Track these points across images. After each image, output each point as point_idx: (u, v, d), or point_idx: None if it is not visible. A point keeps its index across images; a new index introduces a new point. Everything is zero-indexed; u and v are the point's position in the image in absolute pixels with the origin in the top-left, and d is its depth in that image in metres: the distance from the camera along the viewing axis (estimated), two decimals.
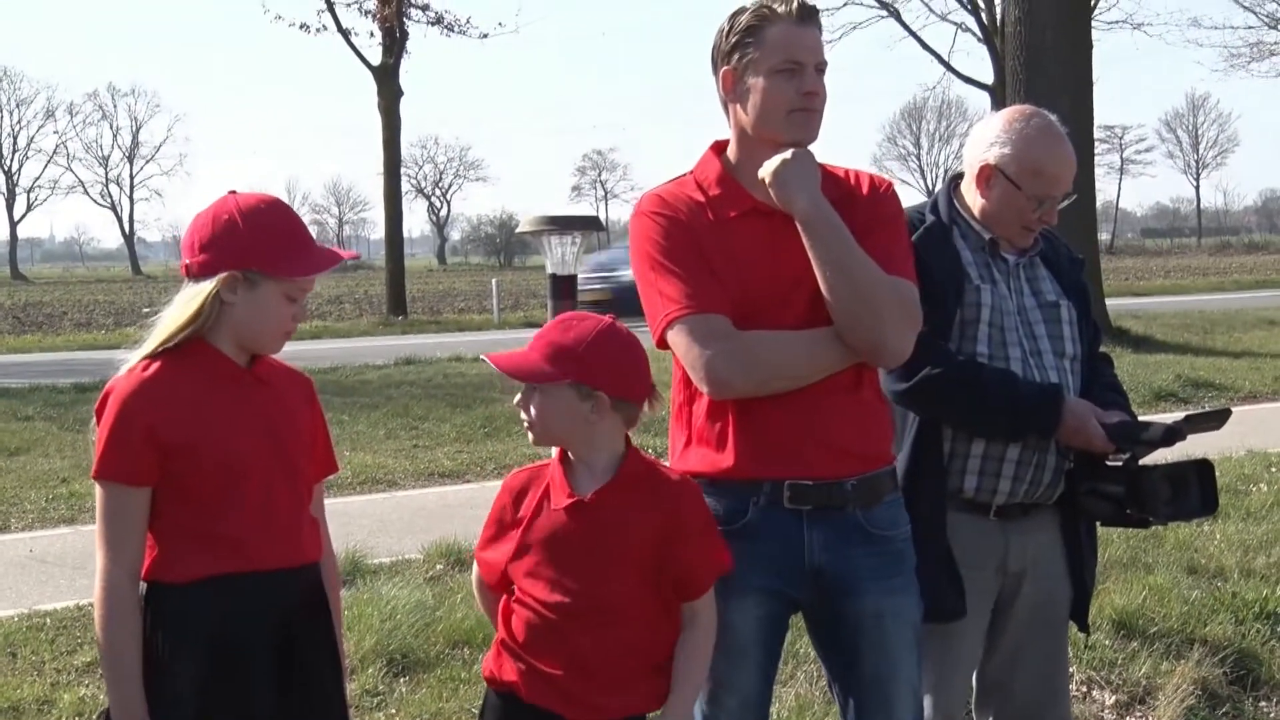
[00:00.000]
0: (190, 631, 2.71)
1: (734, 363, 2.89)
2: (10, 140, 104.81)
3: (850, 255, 2.91)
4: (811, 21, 3.01)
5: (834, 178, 3.08)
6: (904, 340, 2.96)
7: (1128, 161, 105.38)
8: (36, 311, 39.39)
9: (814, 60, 2.98)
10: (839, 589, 3.01)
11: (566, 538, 2.83)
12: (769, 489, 2.97)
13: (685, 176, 3.13)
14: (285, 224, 2.78)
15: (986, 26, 37.05)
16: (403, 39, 30.68)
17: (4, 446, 11.86)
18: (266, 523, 2.77)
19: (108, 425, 2.70)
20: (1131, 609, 5.92)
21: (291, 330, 2.82)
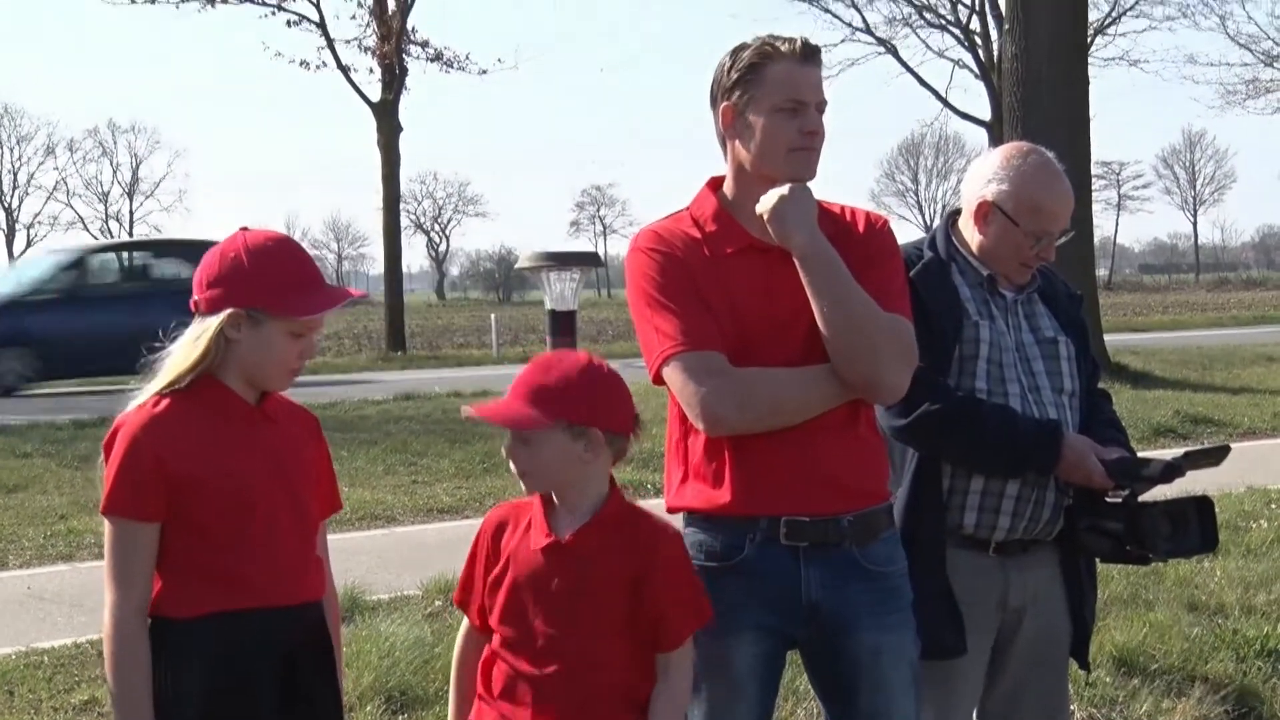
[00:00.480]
0: (194, 667, 2.71)
1: (729, 399, 2.90)
2: (10, 176, 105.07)
3: (847, 291, 2.91)
4: (813, 61, 3.01)
5: (830, 214, 3.09)
6: (900, 376, 2.97)
7: (1125, 198, 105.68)
8: None
9: (815, 99, 2.99)
10: (836, 626, 3.00)
11: (544, 579, 2.80)
12: (765, 525, 2.96)
13: (681, 213, 3.14)
14: (290, 262, 2.79)
15: (984, 63, 37.27)
16: (402, 75, 30.81)
17: (2, 483, 11.83)
18: (272, 560, 2.78)
19: (117, 461, 2.71)
20: (1132, 646, 5.90)
21: (298, 368, 2.84)
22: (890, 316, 2.95)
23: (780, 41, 3.00)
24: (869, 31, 38.54)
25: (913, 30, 38.75)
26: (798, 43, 2.99)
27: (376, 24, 30.54)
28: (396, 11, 30.60)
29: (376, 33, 30.55)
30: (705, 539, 3.03)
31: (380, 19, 30.42)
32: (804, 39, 3.02)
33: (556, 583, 2.79)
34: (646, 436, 2.95)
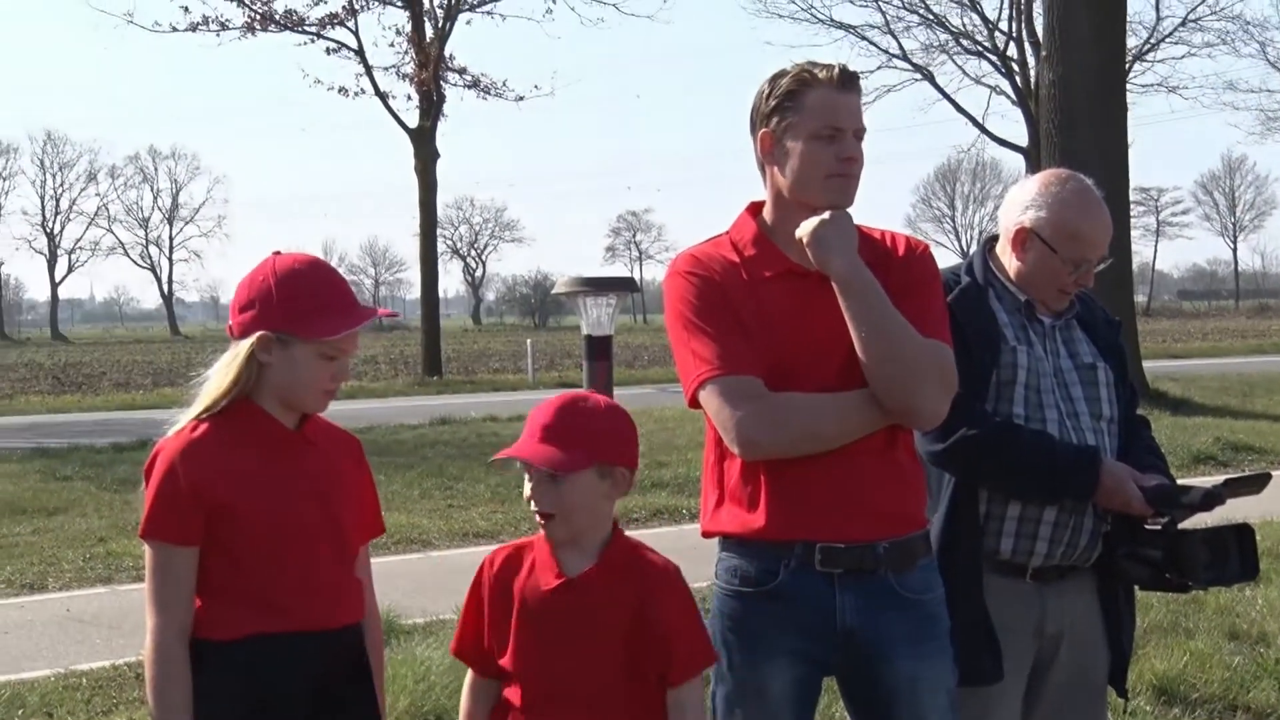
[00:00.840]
0: (231, 689, 2.72)
1: (764, 423, 2.89)
2: (53, 202, 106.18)
3: (886, 317, 2.91)
4: (852, 87, 3.01)
5: (870, 240, 3.09)
6: (939, 403, 2.95)
7: (1164, 224, 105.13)
8: (76, 372, 39.74)
9: (853, 126, 3.00)
10: (871, 653, 2.99)
11: (554, 618, 2.77)
12: (800, 551, 2.95)
13: (721, 237, 3.14)
14: (318, 285, 2.80)
15: (1021, 90, 37.14)
16: (439, 102, 30.97)
17: (42, 506, 11.95)
18: (309, 584, 2.79)
19: (155, 485, 2.74)
20: (1172, 675, 5.85)
21: (332, 389, 2.84)
22: (930, 342, 2.94)
23: (818, 68, 3.00)
24: (905, 58, 38.49)
25: (949, 57, 38.70)
26: (835, 69, 3.00)
27: (414, 51, 30.73)
28: (434, 39, 30.79)
29: (414, 60, 30.73)
30: (740, 564, 3.02)
31: (418, 46, 30.61)
32: (842, 66, 3.02)
33: (567, 621, 2.77)
34: (681, 462, 2.96)
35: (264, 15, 30.00)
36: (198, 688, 2.72)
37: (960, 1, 37.98)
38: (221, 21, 29.90)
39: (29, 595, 8.64)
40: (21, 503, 12.10)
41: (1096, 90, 16.60)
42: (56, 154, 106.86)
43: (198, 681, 2.72)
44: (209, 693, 2.72)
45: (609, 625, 2.77)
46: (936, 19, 37.86)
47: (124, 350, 63.46)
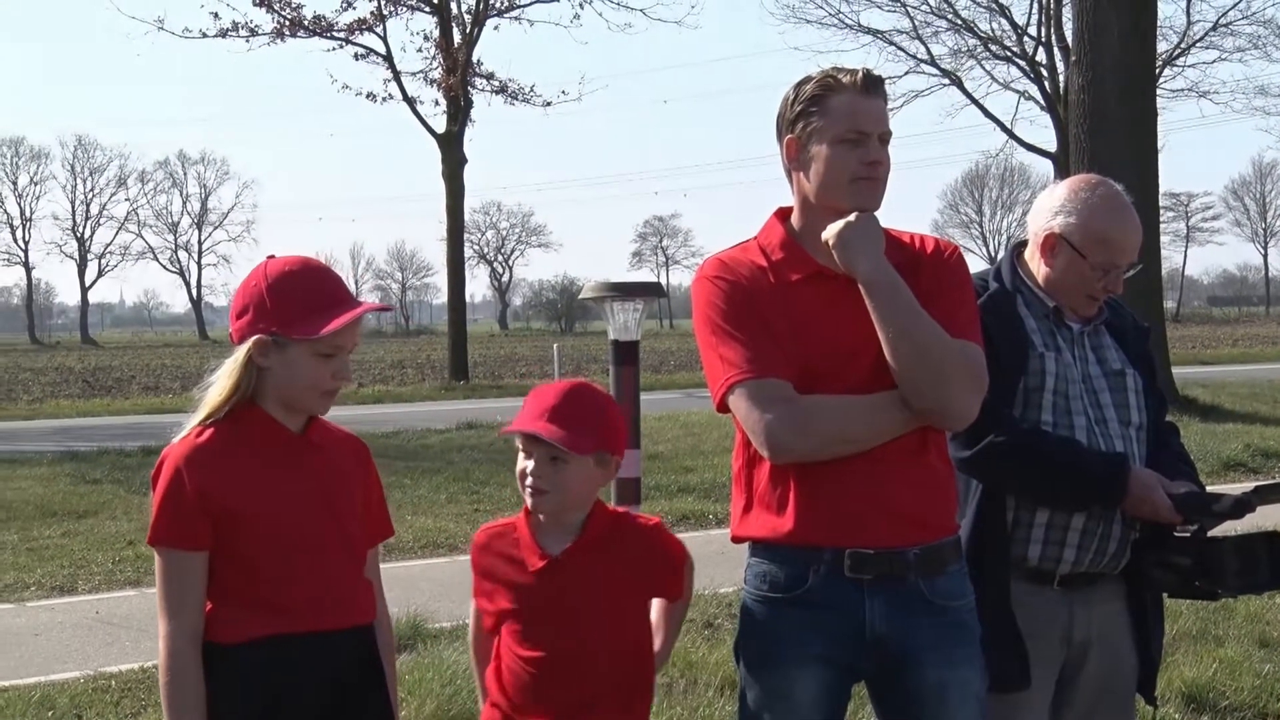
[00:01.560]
0: (242, 692, 2.73)
1: (793, 427, 2.89)
2: (84, 207, 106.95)
3: (914, 318, 2.90)
4: (876, 92, 3.01)
5: (899, 242, 3.08)
6: (969, 403, 2.94)
7: (1194, 229, 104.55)
8: (106, 375, 39.98)
9: (878, 130, 2.99)
10: (901, 660, 2.97)
11: (542, 597, 2.91)
12: (830, 557, 2.94)
13: (749, 242, 3.14)
14: (307, 284, 2.80)
15: (1050, 94, 37.02)
16: (467, 107, 31.06)
17: (72, 509, 12.02)
18: (317, 586, 2.80)
19: (160, 492, 2.75)
20: (1202, 682, 5.82)
21: (333, 388, 2.84)
22: (959, 343, 2.92)
23: (843, 73, 3.00)
24: (934, 64, 38.39)
25: (978, 62, 38.58)
26: (859, 74, 3.00)
27: (442, 57, 30.83)
28: (462, 45, 30.88)
29: (442, 65, 30.83)
30: (769, 569, 3.01)
31: (446, 52, 30.70)
32: (867, 70, 3.02)
33: (555, 599, 2.91)
34: (708, 467, 2.99)
35: (293, 21, 30.14)
36: (209, 691, 2.73)
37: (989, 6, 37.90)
38: (251, 28, 30.07)
39: (59, 598, 8.69)
40: (52, 505, 12.18)
41: (1126, 95, 16.53)
42: (87, 159, 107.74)
43: (209, 685, 2.73)
44: (221, 696, 2.73)
45: (597, 596, 2.92)
46: (965, 24, 37.79)
47: (153, 354, 63.83)
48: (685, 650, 6.49)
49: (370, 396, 27.17)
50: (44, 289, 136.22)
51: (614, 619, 2.95)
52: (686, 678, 6.07)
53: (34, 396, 30.49)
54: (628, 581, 2.97)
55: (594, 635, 2.91)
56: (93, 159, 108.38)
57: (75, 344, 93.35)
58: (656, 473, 12.71)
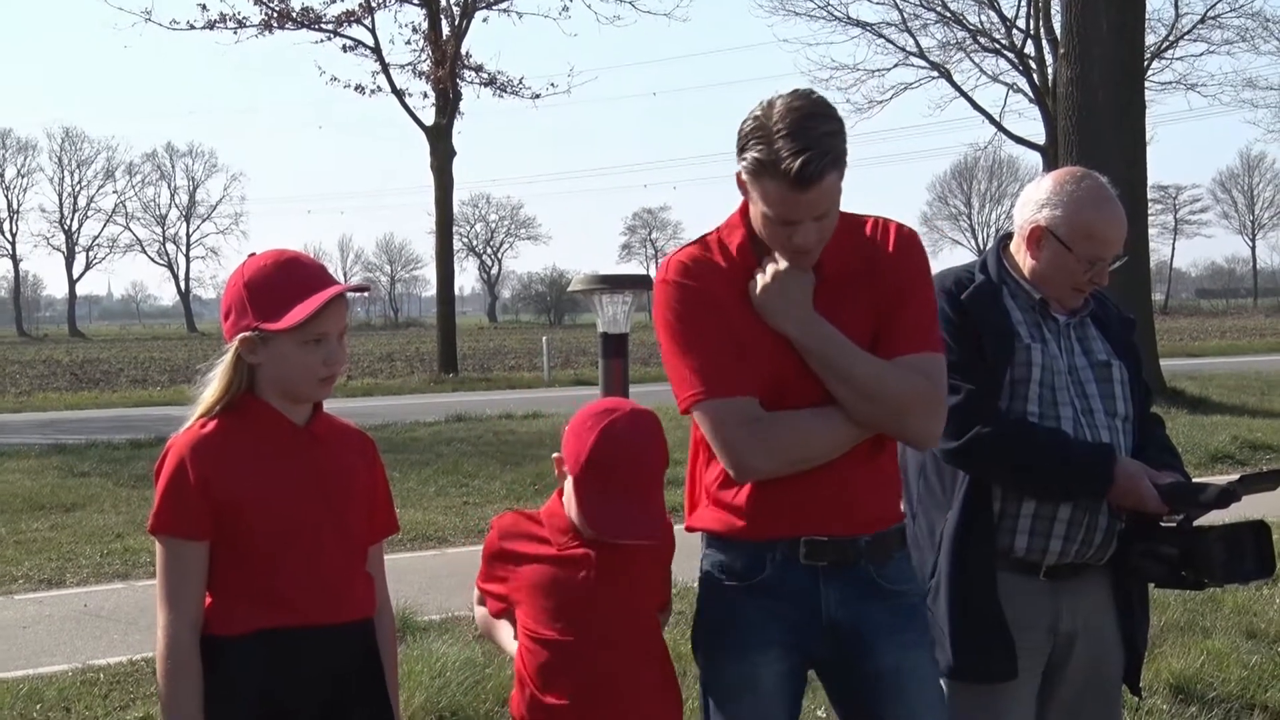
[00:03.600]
0: (240, 684, 2.73)
1: (758, 449, 2.88)
2: (71, 200, 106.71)
3: (850, 365, 2.88)
4: (811, 187, 2.76)
5: (857, 234, 3.00)
6: (927, 428, 2.95)
7: (1182, 222, 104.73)
8: (94, 368, 39.89)
9: (810, 215, 2.82)
10: (855, 644, 2.99)
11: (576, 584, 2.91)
12: (784, 546, 2.96)
13: (710, 236, 3.06)
14: (282, 275, 2.80)
15: (1038, 87, 37.01)
16: (456, 100, 30.99)
17: (60, 502, 12.00)
18: (316, 579, 2.80)
19: (164, 481, 2.75)
20: (1189, 673, 5.84)
21: (329, 374, 2.83)
22: (908, 369, 2.90)
23: (783, 150, 2.74)
24: (923, 56, 38.30)
25: (966, 55, 38.50)
26: (795, 166, 2.73)
27: (431, 49, 30.75)
28: (451, 37, 30.80)
29: (431, 58, 30.75)
30: (725, 559, 3.03)
31: (435, 44, 30.63)
32: (805, 160, 2.72)
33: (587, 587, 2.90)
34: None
35: (281, 13, 30.03)
36: (208, 683, 2.73)
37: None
38: (239, 19, 29.95)
39: (47, 590, 8.68)
40: (40, 498, 12.16)
41: (1115, 88, 16.54)
42: (75, 151, 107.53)
43: (207, 677, 2.73)
44: (219, 688, 2.73)
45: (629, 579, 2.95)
46: (954, 16, 37.74)
47: (141, 347, 63.72)
48: (674, 642, 6.48)
49: (359, 389, 27.14)
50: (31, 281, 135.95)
51: (643, 606, 3.00)
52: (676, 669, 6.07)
53: (22, 389, 30.41)
54: (650, 572, 3.02)
55: (631, 620, 2.95)
56: (80, 151, 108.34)
57: (63, 336, 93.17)
58: None
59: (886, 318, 2.94)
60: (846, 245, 2.98)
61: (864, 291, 2.96)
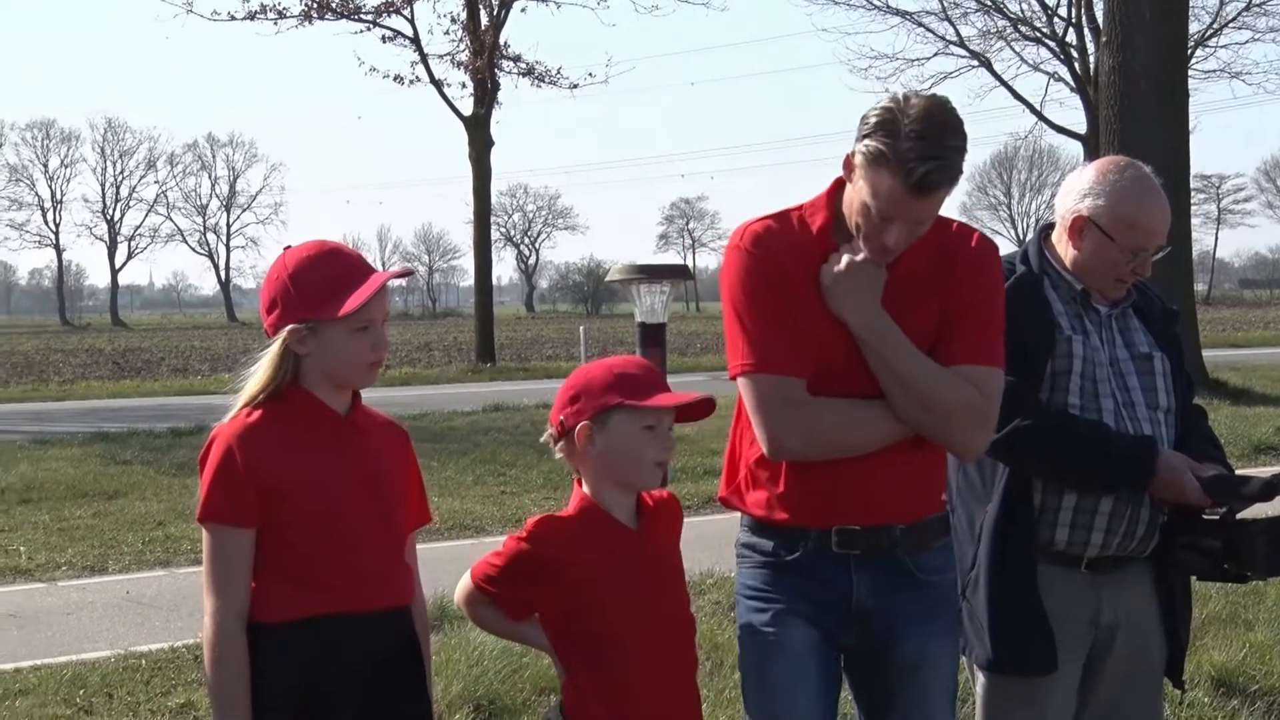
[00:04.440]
0: (282, 671, 2.75)
1: (797, 432, 2.89)
2: (113, 190, 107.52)
3: (906, 369, 2.89)
4: (925, 195, 2.78)
5: (931, 248, 2.98)
6: (972, 441, 2.96)
7: (1225, 211, 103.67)
8: (135, 357, 40.19)
9: (910, 219, 2.84)
10: (884, 633, 3.00)
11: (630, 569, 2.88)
12: (816, 535, 2.97)
13: (792, 212, 3.04)
14: (327, 267, 2.82)
15: (1080, 76, 36.71)
16: (494, 90, 31.04)
17: (102, 490, 12.10)
18: (359, 567, 2.82)
19: (211, 469, 2.78)
20: (1231, 666, 5.80)
21: (376, 360, 2.86)
22: (962, 380, 2.90)
23: (910, 152, 2.73)
24: (963, 45, 38.02)
25: (1007, 43, 38.21)
26: (919, 172, 2.74)
27: (469, 39, 30.81)
28: (489, 27, 30.86)
29: (469, 48, 30.82)
30: (759, 540, 3.06)
31: (473, 34, 30.69)
32: (930, 169, 2.74)
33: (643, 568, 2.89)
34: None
35: (321, 3, 30.16)
36: (253, 670, 2.75)
37: None
38: (279, 10, 30.07)
39: (90, 577, 8.76)
40: (82, 486, 12.26)
41: (1158, 77, 16.38)
42: (117, 142, 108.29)
43: (253, 664, 2.75)
44: (264, 674, 2.75)
45: (673, 563, 2.97)
46: (994, 4, 37.44)
47: (182, 336, 64.16)
48: (712, 632, 6.50)
49: (397, 378, 27.24)
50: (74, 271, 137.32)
51: (681, 586, 3.00)
52: (712, 659, 6.08)
53: (65, 378, 30.69)
54: (675, 551, 3.02)
55: (673, 602, 2.95)
56: (122, 142, 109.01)
57: (105, 326, 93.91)
58: (683, 455, 12.67)
59: (951, 324, 2.95)
60: (925, 245, 2.96)
61: (933, 294, 2.97)
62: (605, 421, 2.86)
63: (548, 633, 2.94)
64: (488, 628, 3.09)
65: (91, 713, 5.70)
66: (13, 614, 7.73)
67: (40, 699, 5.82)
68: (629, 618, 2.85)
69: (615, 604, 2.85)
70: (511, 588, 2.91)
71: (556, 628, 2.93)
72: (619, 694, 2.85)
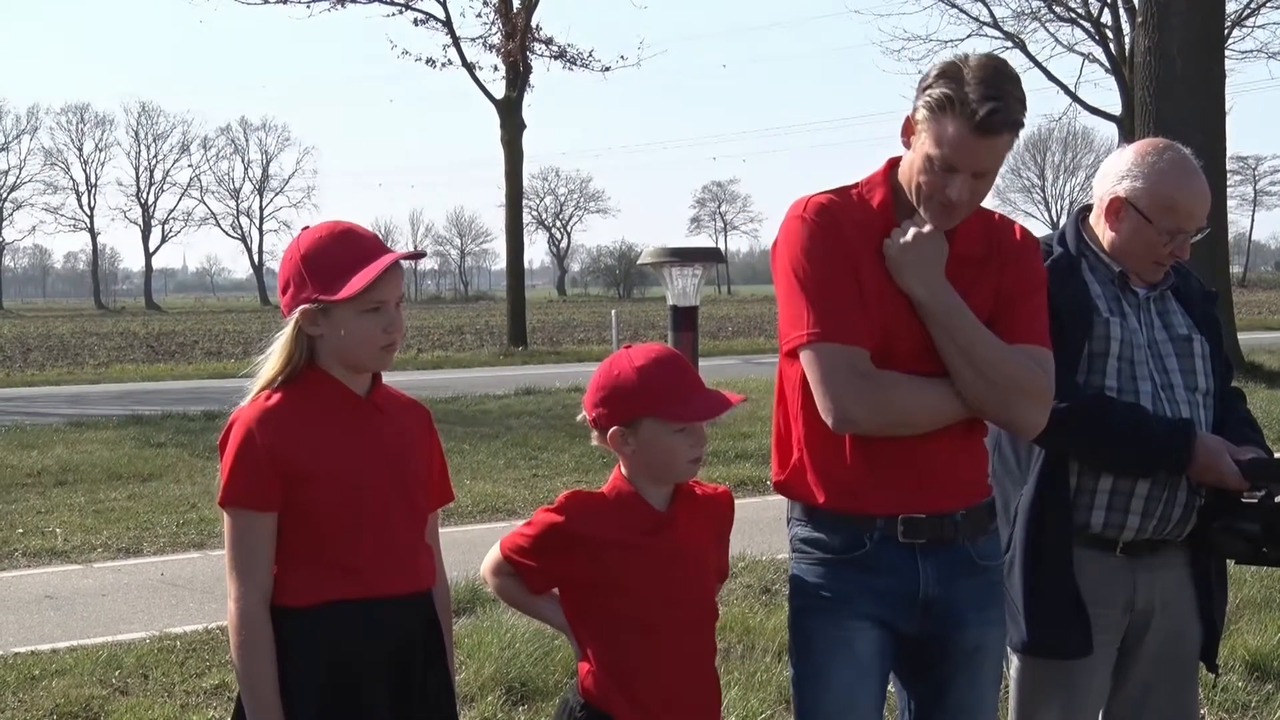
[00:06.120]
0: (310, 654, 2.75)
1: (865, 403, 2.85)
2: (147, 174, 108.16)
3: (971, 340, 2.87)
4: (992, 133, 2.79)
5: (979, 233, 3.00)
6: (1034, 416, 2.94)
7: (1261, 193, 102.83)
8: (169, 340, 40.44)
9: (974, 168, 2.84)
10: (945, 620, 2.99)
11: (656, 554, 2.87)
12: (883, 524, 2.94)
13: (851, 189, 3.03)
14: (337, 247, 2.80)
15: (1115, 57, 36.45)
16: (526, 73, 31.03)
17: (137, 472, 12.19)
18: (383, 549, 2.81)
19: (231, 453, 2.77)
20: (1266, 650, 5.77)
21: (390, 342, 2.83)
22: (1024, 354, 2.91)
23: (974, 94, 2.77)
24: (996, 26, 37.79)
25: (1041, 24, 37.95)
26: (983, 110, 2.76)
27: (501, 22, 30.80)
28: (521, 9, 30.82)
29: (501, 30, 30.80)
30: (820, 535, 3.01)
31: (505, 17, 30.67)
32: (994, 107, 2.76)
33: (670, 555, 2.88)
34: (766, 434, 2.98)
35: None
36: (279, 654, 2.75)
37: None
38: None
39: (125, 559, 8.82)
40: (117, 468, 12.35)
41: (1193, 57, 16.24)
42: (151, 126, 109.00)
43: (278, 648, 2.75)
44: (290, 658, 2.75)
45: (701, 551, 2.96)
46: None
47: (215, 319, 64.51)
48: (743, 615, 6.50)
49: (429, 362, 27.33)
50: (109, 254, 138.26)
51: (708, 578, 3.01)
52: (744, 643, 6.08)
53: (100, 360, 30.91)
54: (710, 543, 3.01)
55: (697, 592, 2.95)
56: (156, 125, 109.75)
57: (139, 309, 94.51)
58: (714, 439, 12.69)
59: (1005, 306, 2.95)
60: (974, 228, 3.00)
61: (987, 278, 2.96)
62: (636, 427, 2.86)
63: (566, 611, 2.94)
64: (509, 599, 3.07)
65: (127, 693, 5.74)
66: (49, 595, 7.80)
67: (76, 679, 5.87)
68: (648, 601, 2.85)
69: (636, 586, 2.85)
70: (539, 558, 2.91)
71: (576, 606, 2.93)
72: (634, 676, 2.85)
